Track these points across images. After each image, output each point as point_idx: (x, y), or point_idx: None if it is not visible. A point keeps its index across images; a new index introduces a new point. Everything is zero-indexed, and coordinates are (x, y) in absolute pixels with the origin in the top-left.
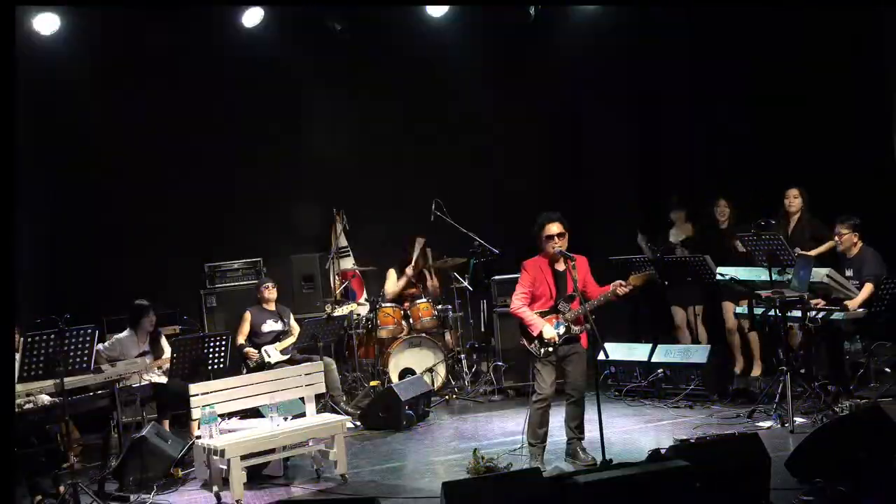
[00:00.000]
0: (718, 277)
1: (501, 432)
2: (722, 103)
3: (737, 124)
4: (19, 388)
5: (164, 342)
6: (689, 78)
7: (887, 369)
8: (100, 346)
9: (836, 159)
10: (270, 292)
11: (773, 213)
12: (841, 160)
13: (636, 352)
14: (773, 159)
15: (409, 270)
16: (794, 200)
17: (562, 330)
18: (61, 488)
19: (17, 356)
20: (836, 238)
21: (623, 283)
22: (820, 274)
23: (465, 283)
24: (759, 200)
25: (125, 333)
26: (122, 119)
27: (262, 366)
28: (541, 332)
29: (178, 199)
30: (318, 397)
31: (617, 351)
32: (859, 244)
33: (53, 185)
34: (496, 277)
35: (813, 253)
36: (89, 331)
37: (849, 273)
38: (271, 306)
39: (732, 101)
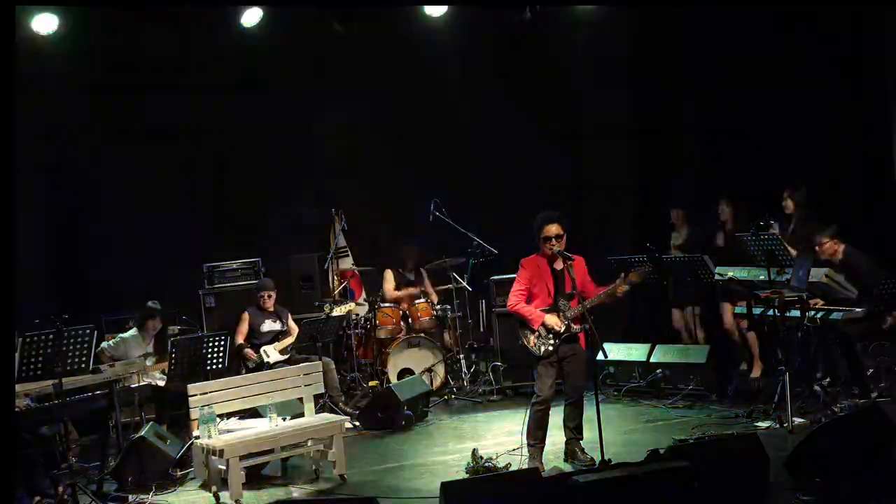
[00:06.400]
0: (717, 277)
1: (500, 432)
2: (722, 103)
3: (737, 124)
4: (17, 388)
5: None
6: (690, 77)
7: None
8: (104, 343)
9: (836, 159)
10: (266, 302)
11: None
12: (840, 160)
13: (635, 352)
14: (773, 159)
15: (410, 276)
16: (787, 202)
17: (562, 329)
18: (60, 488)
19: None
20: (817, 248)
21: (623, 279)
22: (819, 274)
23: (464, 283)
24: (760, 200)
25: (131, 333)
26: (120, 119)
27: (261, 366)
28: (543, 324)
29: (177, 199)
30: (317, 397)
31: (616, 351)
32: (840, 249)
33: (52, 184)
34: (495, 277)
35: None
36: (87, 331)
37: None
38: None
39: (732, 100)
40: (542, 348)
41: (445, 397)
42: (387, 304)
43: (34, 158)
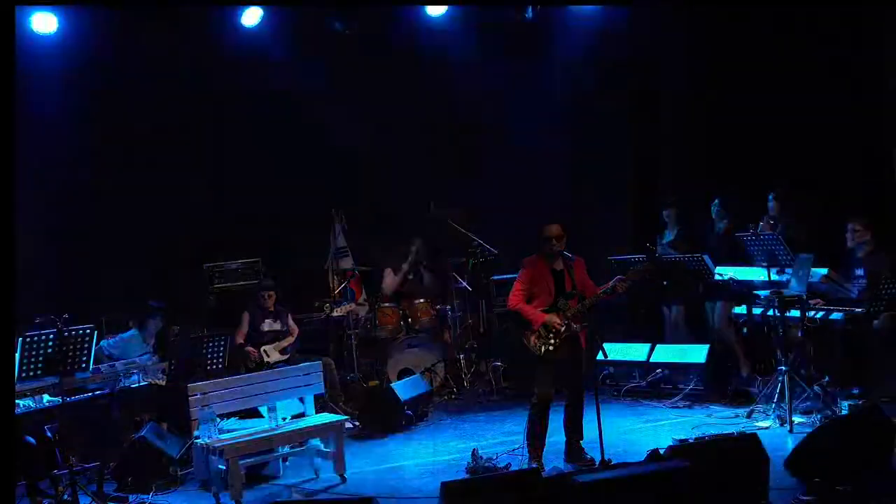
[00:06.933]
0: (717, 277)
1: (500, 432)
2: (722, 103)
3: (737, 124)
4: (17, 388)
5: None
6: (688, 77)
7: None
8: (103, 342)
9: (836, 159)
10: (266, 301)
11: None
12: (840, 160)
13: (635, 352)
14: (773, 159)
15: (405, 266)
16: (774, 204)
17: (563, 328)
18: (60, 488)
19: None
20: (849, 234)
21: (623, 277)
22: (819, 274)
23: (464, 284)
24: (756, 200)
25: (131, 333)
26: (120, 119)
27: (261, 366)
28: (544, 323)
29: (178, 199)
30: (317, 397)
31: (615, 351)
32: (872, 242)
33: (52, 184)
34: (495, 277)
35: None
36: (87, 331)
37: (859, 272)
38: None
39: (732, 100)
40: (543, 348)
41: (445, 397)
42: (387, 304)
43: (34, 158)
